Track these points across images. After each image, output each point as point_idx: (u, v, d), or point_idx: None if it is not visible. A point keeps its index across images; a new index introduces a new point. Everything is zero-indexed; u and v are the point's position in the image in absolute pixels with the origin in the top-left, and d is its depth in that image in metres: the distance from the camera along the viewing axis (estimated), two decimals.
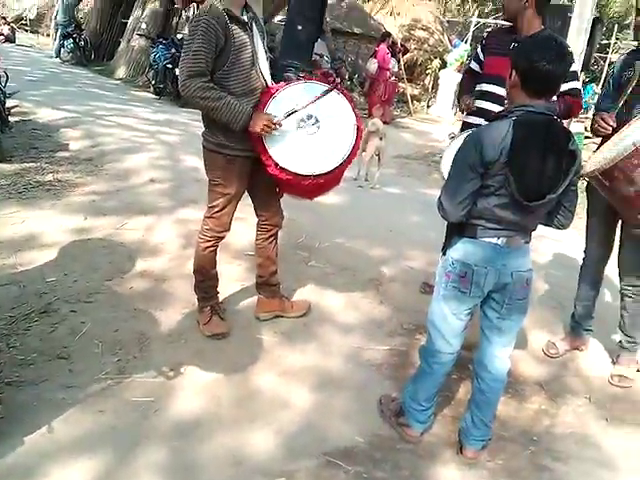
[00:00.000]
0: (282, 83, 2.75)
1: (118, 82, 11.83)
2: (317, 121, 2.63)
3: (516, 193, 1.97)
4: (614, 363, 3.15)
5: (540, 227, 2.26)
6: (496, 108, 3.04)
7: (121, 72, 12.39)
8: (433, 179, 7.01)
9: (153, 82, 10.64)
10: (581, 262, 3.27)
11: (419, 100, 15.91)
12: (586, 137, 8.20)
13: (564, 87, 2.76)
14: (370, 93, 12.12)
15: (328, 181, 2.66)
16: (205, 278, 3.00)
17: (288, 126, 2.62)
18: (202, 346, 2.91)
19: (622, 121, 2.70)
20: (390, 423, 2.52)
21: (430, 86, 16.13)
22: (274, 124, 2.56)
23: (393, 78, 12.05)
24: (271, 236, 3.08)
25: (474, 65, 3.46)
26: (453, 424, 2.57)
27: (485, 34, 3.55)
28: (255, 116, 2.57)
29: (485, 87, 3.24)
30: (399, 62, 12.63)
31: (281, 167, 2.59)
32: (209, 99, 2.51)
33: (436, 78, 15.41)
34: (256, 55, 2.68)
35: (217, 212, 2.82)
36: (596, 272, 3.20)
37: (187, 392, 2.58)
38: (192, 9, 15.27)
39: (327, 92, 2.63)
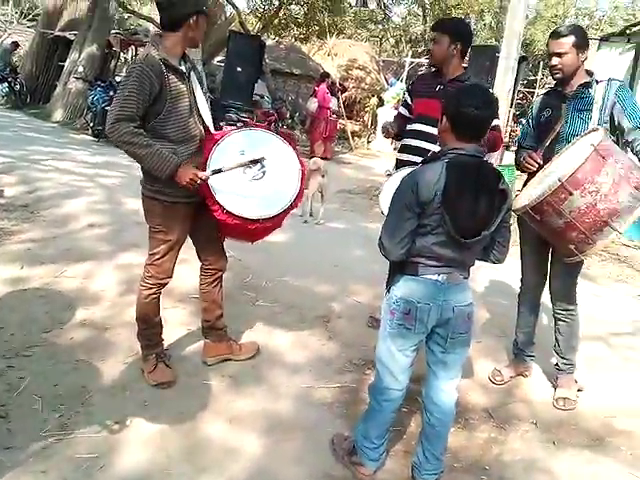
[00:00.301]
0: (225, 130, 2.79)
1: (55, 125, 11.62)
2: (263, 166, 2.66)
3: (452, 231, 2.05)
4: (555, 387, 3.23)
5: None
6: (427, 145, 3.22)
7: (58, 115, 12.19)
8: (375, 213, 7.13)
9: (91, 124, 10.53)
10: (518, 290, 3.38)
11: (359, 136, 16.27)
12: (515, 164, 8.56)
13: None
14: (311, 131, 12.34)
15: (273, 224, 2.70)
16: (148, 326, 2.93)
17: (234, 171, 2.63)
18: (147, 396, 2.82)
19: (546, 158, 2.88)
20: (343, 462, 2.50)
21: (369, 122, 16.56)
22: (199, 179, 2.56)
23: (333, 116, 12.31)
24: (215, 280, 3.05)
25: (403, 110, 3.63)
26: (406, 458, 2.57)
27: (416, 77, 3.75)
28: (182, 169, 2.56)
29: (416, 127, 3.40)
30: (339, 100, 12.93)
31: (228, 211, 2.59)
32: (135, 145, 2.50)
33: (375, 115, 15.85)
34: (194, 103, 2.70)
35: (158, 259, 2.79)
36: (533, 299, 3.31)
37: (133, 446, 2.48)
38: (130, 52, 15.29)
39: (261, 160, 2.65)
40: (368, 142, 15.77)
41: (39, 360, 3.00)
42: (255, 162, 2.63)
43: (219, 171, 2.61)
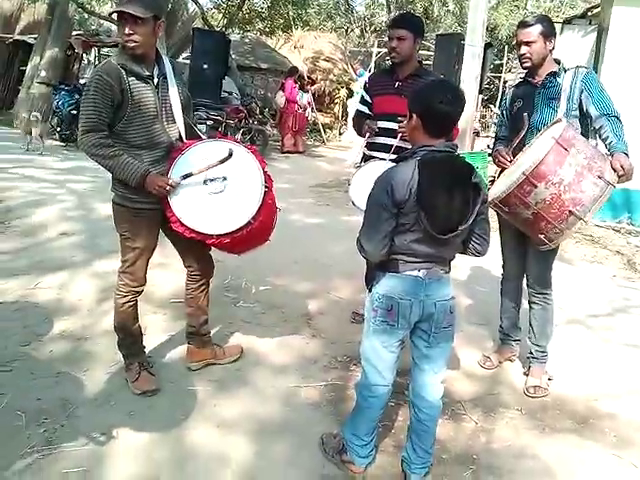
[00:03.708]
0: (190, 142, 2.74)
1: (20, 131, 11.33)
2: (224, 179, 2.61)
3: (429, 228, 2.06)
4: (526, 374, 3.27)
5: None
6: (393, 141, 3.24)
7: (22, 120, 11.89)
8: (351, 206, 7.14)
9: (58, 129, 10.33)
10: (500, 276, 3.42)
11: (331, 128, 16.29)
12: (489, 154, 8.66)
13: None
14: (281, 125, 12.31)
15: (232, 241, 2.61)
16: (127, 334, 2.90)
17: (195, 183, 2.60)
18: (133, 406, 2.78)
19: (519, 148, 2.96)
20: (334, 461, 2.50)
21: (340, 114, 16.56)
22: (169, 185, 2.55)
23: (301, 110, 12.30)
24: (201, 285, 3.04)
25: (362, 107, 3.65)
26: (395, 453, 2.58)
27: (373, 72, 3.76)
28: (150, 176, 2.56)
29: (380, 124, 3.42)
30: (307, 93, 12.91)
31: (183, 223, 2.58)
32: (102, 157, 2.53)
33: (345, 106, 15.87)
34: (162, 109, 2.67)
35: (129, 267, 2.78)
36: (516, 285, 3.36)
37: (122, 457, 2.44)
38: (93, 52, 15.02)
39: (229, 157, 2.59)
40: (340, 134, 15.80)
41: (19, 375, 2.93)
42: (224, 160, 2.58)
43: (189, 175, 2.58)
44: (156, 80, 2.67)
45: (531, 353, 3.26)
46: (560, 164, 2.50)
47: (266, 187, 2.61)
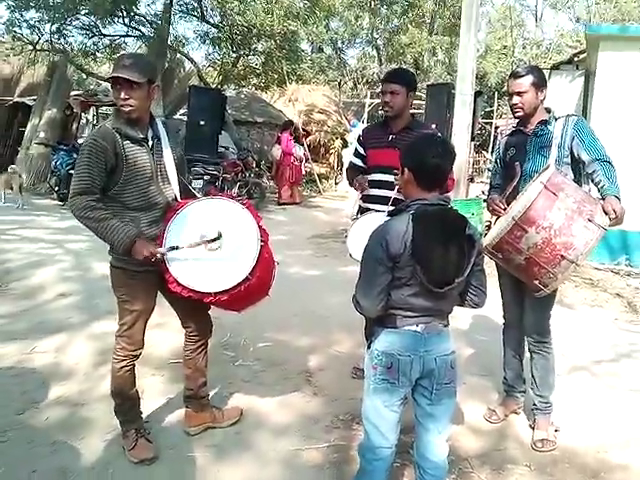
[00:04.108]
0: (185, 201, 2.75)
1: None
2: (220, 236, 2.61)
3: (425, 281, 2.05)
4: (532, 428, 3.19)
5: None
6: (389, 193, 3.25)
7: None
8: (349, 257, 7.15)
9: (56, 189, 10.44)
10: (502, 325, 3.39)
11: (327, 178, 16.48)
12: (484, 200, 8.74)
13: None
14: (278, 177, 12.50)
15: (230, 297, 2.59)
16: (124, 400, 2.84)
17: (190, 242, 2.60)
18: (131, 475, 2.70)
19: (513, 196, 2.97)
20: None
21: (335, 164, 16.79)
22: (155, 255, 2.55)
23: (298, 162, 12.51)
24: (199, 347, 2.99)
25: (356, 160, 3.72)
26: None
27: (365, 129, 3.84)
28: (138, 244, 2.55)
29: (376, 177, 3.48)
30: (303, 145, 13.13)
31: (179, 283, 2.57)
32: (91, 219, 2.53)
33: (340, 156, 16.11)
34: (157, 171, 2.70)
35: (127, 330, 2.75)
36: (517, 334, 3.31)
37: None
38: (91, 112, 15.33)
39: (218, 238, 2.59)
40: (336, 184, 15.97)
41: (15, 445, 2.86)
42: (212, 241, 2.58)
43: (176, 248, 2.57)
44: (150, 142, 2.71)
45: (535, 405, 3.20)
46: (549, 208, 2.52)
47: (262, 242, 2.61)
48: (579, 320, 5.22)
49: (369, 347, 2.28)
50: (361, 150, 3.66)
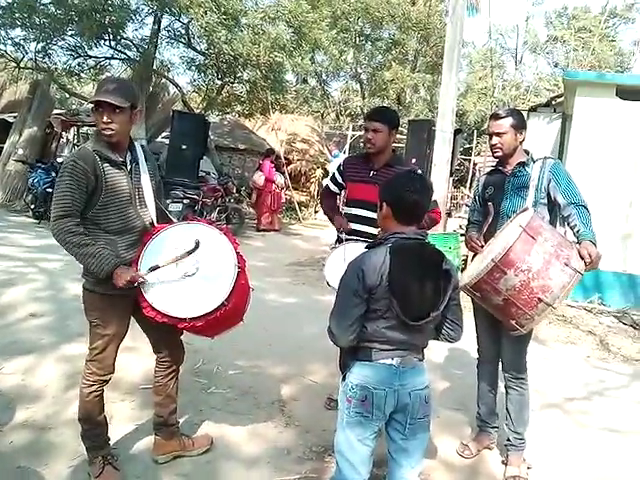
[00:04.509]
0: (161, 225, 2.75)
1: None
2: (196, 262, 2.60)
3: (401, 314, 2.07)
4: (505, 464, 3.18)
5: None
6: (367, 229, 3.37)
7: None
8: (326, 285, 7.14)
9: (32, 206, 10.31)
10: (476, 359, 3.40)
11: (307, 206, 16.56)
12: (462, 234, 8.86)
13: None
14: (259, 204, 12.54)
15: (206, 323, 2.56)
16: (92, 426, 2.78)
17: (168, 267, 2.58)
18: None
19: (490, 233, 3.04)
20: None
21: (315, 193, 16.90)
22: (136, 280, 2.54)
23: (279, 189, 12.59)
24: (170, 373, 2.95)
25: (332, 186, 3.79)
26: None
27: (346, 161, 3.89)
28: (120, 270, 2.54)
29: (355, 211, 3.55)
30: (284, 174, 13.23)
31: (154, 308, 2.55)
32: (73, 244, 2.51)
33: (321, 186, 16.23)
34: (135, 194, 2.70)
35: (98, 354, 2.70)
36: (492, 369, 3.33)
37: None
38: (72, 131, 15.25)
39: (196, 248, 2.58)
40: (315, 212, 16.05)
41: None
42: (191, 252, 2.57)
43: (156, 267, 2.56)
44: (129, 166, 2.71)
45: (509, 440, 3.19)
46: (528, 252, 2.57)
47: (239, 268, 2.60)
48: (552, 356, 5.26)
49: (344, 379, 2.27)
50: (339, 178, 3.71)
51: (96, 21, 11.15)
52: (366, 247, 2.31)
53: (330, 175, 3.86)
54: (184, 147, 10.66)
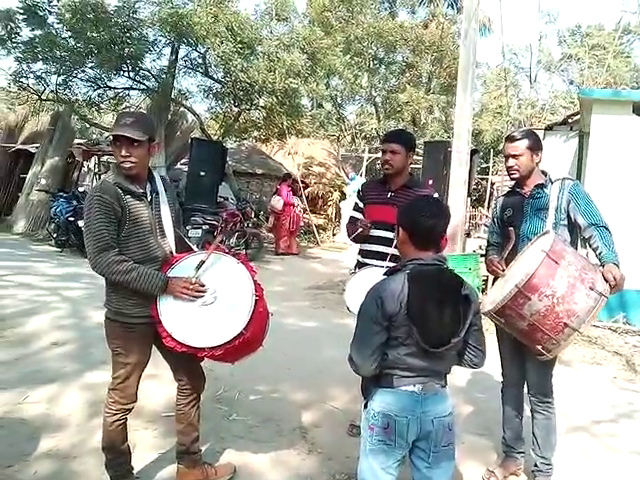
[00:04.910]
0: (183, 253, 2.79)
1: (17, 237, 11.52)
2: (214, 291, 2.63)
3: (421, 341, 2.05)
4: None
5: None
6: (386, 250, 3.34)
7: (20, 227, 12.16)
8: (345, 309, 7.12)
9: (55, 235, 10.50)
10: (500, 382, 3.35)
11: (325, 229, 16.60)
12: (481, 255, 8.80)
13: None
14: (277, 228, 12.60)
15: (225, 352, 2.58)
16: (115, 455, 2.79)
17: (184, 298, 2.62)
18: None
19: (510, 256, 3.02)
20: None
21: (333, 216, 16.95)
22: (192, 284, 2.59)
23: (298, 210, 12.70)
24: (192, 400, 2.96)
25: (356, 214, 3.77)
26: None
27: (365, 184, 3.95)
28: (171, 282, 2.60)
29: (374, 232, 3.52)
30: (301, 197, 13.32)
31: (174, 338, 2.57)
32: (123, 272, 2.54)
33: (338, 208, 16.28)
34: (155, 225, 2.74)
35: (120, 383, 2.72)
36: (517, 393, 3.28)
37: None
38: (93, 160, 15.54)
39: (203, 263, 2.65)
40: (333, 235, 16.08)
41: None
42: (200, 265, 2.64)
43: (202, 264, 2.63)
44: (149, 197, 2.75)
45: (536, 466, 3.13)
46: (552, 276, 2.54)
47: (257, 296, 2.62)
48: (578, 378, 5.16)
49: (366, 406, 2.25)
50: (360, 204, 3.74)
51: (115, 53, 11.47)
52: (384, 273, 2.31)
53: (353, 205, 3.87)
54: (203, 173, 10.82)
